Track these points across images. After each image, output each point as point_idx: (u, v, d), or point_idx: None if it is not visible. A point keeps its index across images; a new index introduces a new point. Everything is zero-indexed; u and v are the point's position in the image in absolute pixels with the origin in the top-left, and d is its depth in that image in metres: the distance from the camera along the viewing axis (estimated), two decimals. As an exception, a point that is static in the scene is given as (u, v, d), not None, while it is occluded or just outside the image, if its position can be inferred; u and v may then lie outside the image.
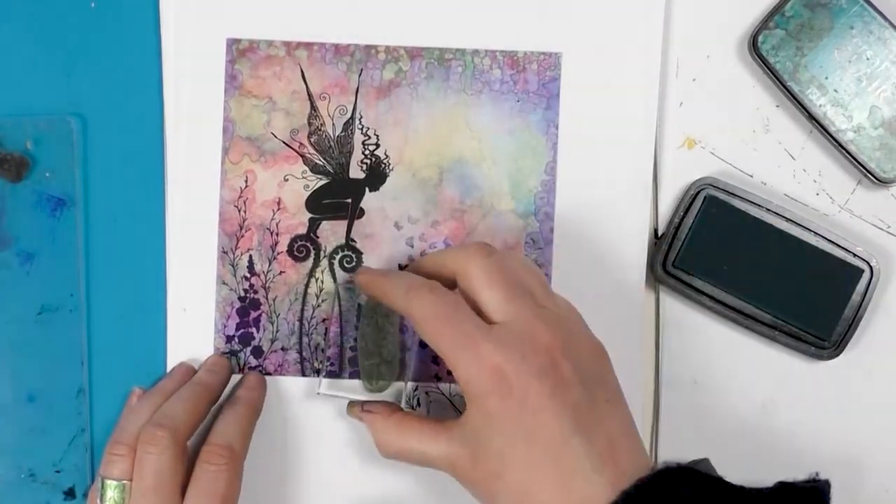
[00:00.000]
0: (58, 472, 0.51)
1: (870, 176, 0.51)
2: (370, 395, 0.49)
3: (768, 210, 0.51)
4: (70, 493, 0.51)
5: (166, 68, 0.51)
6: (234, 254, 0.51)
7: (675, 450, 0.52)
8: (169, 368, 0.51)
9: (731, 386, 0.52)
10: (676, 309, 0.52)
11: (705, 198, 0.51)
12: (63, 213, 0.51)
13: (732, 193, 0.51)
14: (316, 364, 0.51)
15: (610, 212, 0.52)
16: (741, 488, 0.39)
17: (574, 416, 0.40)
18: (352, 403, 0.48)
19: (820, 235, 0.51)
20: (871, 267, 0.50)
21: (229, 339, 0.51)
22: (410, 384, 0.50)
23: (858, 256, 0.51)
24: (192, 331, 0.51)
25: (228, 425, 0.47)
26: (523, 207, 0.52)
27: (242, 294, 0.51)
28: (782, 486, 0.40)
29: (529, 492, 0.40)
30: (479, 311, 0.42)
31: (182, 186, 0.51)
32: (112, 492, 0.45)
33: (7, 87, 0.51)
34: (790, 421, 0.52)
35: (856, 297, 0.51)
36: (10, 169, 0.50)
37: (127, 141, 0.51)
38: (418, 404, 0.52)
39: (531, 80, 0.52)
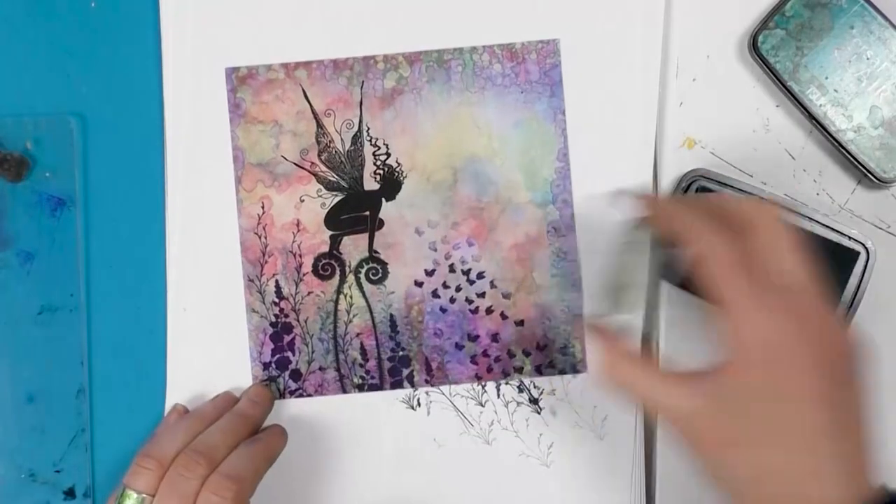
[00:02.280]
0: (58, 472, 0.51)
1: (870, 176, 0.51)
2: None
3: (760, 198, 0.51)
4: (70, 493, 0.51)
5: (168, 104, 0.51)
6: (260, 281, 0.51)
7: (675, 449, 0.52)
8: (168, 369, 0.51)
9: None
10: (675, 305, 0.52)
11: (697, 189, 0.51)
12: (63, 213, 0.51)
13: (724, 183, 0.51)
14: (355, 379, 0.51)
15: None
16: None
17: (833, 414, 0.38)
18: (594, 324, 0.46)
19: (814, 220, 0.51)
20: (866, 249, 0.51)
21: (266, 365, 0.51)
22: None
23: (854, 239, 0.51)
24: (193, 332, 0.51)
25: (242, 459, 0.46)
26: (541, 197, 0.52)
27: (273, 319, 0.51)
28: None
29: (763, 476, 0.38)
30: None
31: (194, 211, 0.51)
32: (131, 502, 0.44)
33: (7, 87, 0.51)
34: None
35: (853, 279, 0.51)
36: (10, 169, 0.50)
37: (127, 141, 0.52)
38: (419, 404, 0.52)
39: (532, 70, 0.52)
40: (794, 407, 0.38)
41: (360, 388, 0.52)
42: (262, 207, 0.51)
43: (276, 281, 0.51)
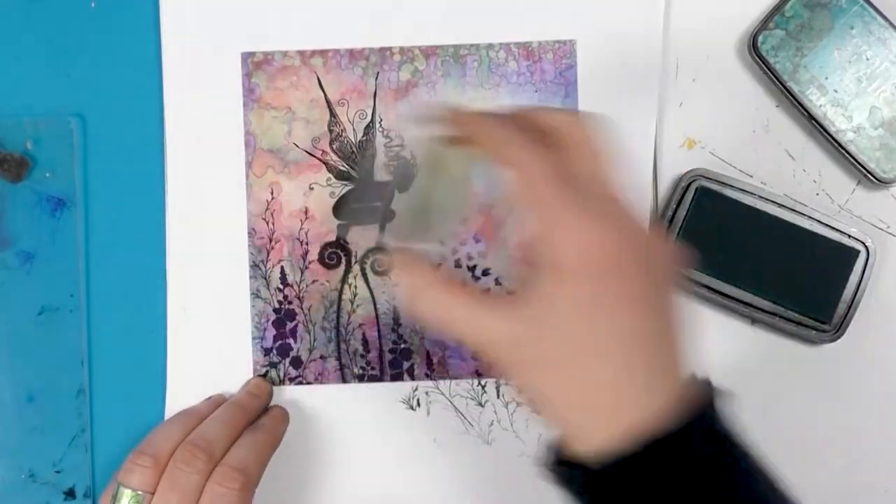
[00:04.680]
0: (58, 472, 0.51)
1: (870, 176, 0.51)
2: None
3: (760, 197, 0.51)
4: (70, 494, 0.51)
5: (171, 91, 0.51)
6: (265, 266, 0.51)
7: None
8: (168, 369, 0.51)
9: (731, 379, 0.52)
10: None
11: (697, 189, 0.51)
12: (63, 213, 0.51)
13: (723, 183, 0.51)
14: (356, 370, 0.52)
15: None
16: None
17: (650, 318, 0.37)
18: (399, 249, 0.42)
19: (814, 219, 0.51)
20: (866, 247, 0.51)
21: (267, 351, 0.51)
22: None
23: (853, 238, 0.51)
24: (194, 331, 0.51)
25: (247, 450, 0.47)
26: None
27: (277, 306, 0.51)
28: None
29: (583, 392, 0.36)
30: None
31: (201, 196, 0.51)
32: (128, 500, 0.44)
33: (7, 87, 0.51)
34: (793, 410, 0.52)
35: (853, 278, 0.51)
36: (10, 169, 0.50)
37: (127, 141, 0.52)
38: (418, 404, 0.52)
39: (548, 70, 0.52)
40: (615, 314, 0.36)
41: (361, 378, 0.52)
42: (272, 193, 0.52)
43: (282, 267, 0.51)
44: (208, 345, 0.51)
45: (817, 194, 0.52)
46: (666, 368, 0.37)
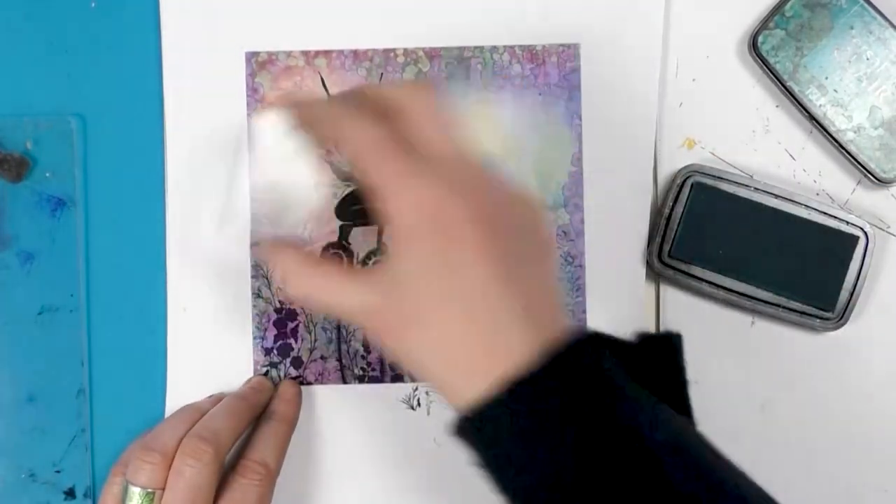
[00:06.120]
0: (58, 472, 0.51)
1: (870, 176, 0.51)
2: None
3: (756, 189, 0.51)
4: (70, 493, 0.51)
5: (184, 85, 0.51)
6: (267, 266, 0.51)
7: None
8: (169, 369, 0.51)
9: (734, 372, 0.52)
10: (677, 303, 0.52)
11: (692, 185, 0.51)
12: (63, 213, 0.51)
13: (719, 177, 0.51)
14: (356, 370, 0.51)
15: (620, 204, 0.52)
16: (625, 342, 0.40)
17: (502, 266, 0.37)
18: (261, 242, 0.46)
19: (811, 208, 0.51)
20: (865, 233, 0.51)
21: (268, 351, 0.51)
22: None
23: (852, 224, 0.51)
24: (194, 331, 0.51)
25: (266, 441, 0.47)
26: (553, 200, 0.52)
27: (278, 305, 0.51)
28: (645, 337, 0.41)
29: (447, 346, 0.37)
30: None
31: (196, 195, 0.51)
32: (139, 499, 0.44)
33: (7, 87, 0.51)
34: (798, 401, 0.52)
35: (854, 264, 0.51)
36: (10, 169, 0.50)
37: (127, 141, 0.52)
38: (418, 404, 0.52)
39: (552, 73, 0.52)
40: (458, 266, 0.37)
41: (361, 379, 0.52)
42: None
43: None
44: (208, 345, 0.51)
45: (817, 194, 0.52)
46: (523, 312, 0.37)
